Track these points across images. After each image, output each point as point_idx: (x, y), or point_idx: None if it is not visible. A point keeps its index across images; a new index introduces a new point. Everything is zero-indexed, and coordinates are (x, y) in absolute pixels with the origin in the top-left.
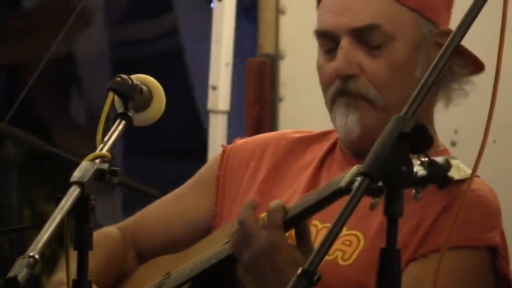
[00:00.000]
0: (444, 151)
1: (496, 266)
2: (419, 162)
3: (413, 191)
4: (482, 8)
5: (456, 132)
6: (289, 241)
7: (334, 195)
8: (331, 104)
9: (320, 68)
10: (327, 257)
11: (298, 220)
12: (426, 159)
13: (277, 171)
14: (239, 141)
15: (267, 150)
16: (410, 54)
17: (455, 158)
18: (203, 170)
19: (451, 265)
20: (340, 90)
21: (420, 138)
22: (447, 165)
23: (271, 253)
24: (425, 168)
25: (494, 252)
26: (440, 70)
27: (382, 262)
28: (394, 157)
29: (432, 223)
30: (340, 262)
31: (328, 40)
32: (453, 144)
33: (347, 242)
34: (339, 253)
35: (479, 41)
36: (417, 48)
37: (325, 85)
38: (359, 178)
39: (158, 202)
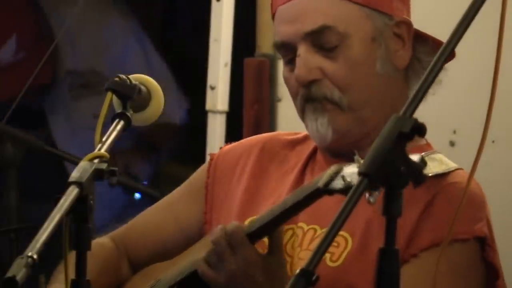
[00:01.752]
0: (427, 146)
1: (484, 256)
2: None
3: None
4: (481, 7)
5: (454, 132)
6: (260, 249)
7: (311, 197)
8: (302, 113)
9: (286, 80)
10: None
11: (265, 231)
12: None
13: (261, 176)
14: (225, 147)
15: (252, 155)
16: (368, 50)
17: (438, 153)
18: (193, 176)
19: (443, 260)
20: (305, 98)
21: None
22: (422, 164)
23: (247, 270)
24: None
25: (482, 242)
26: (438, 70)
27: (381, 263)
28: (392, 157)
29: (417, 220)
30: (329, 263)
31: (287, 51)
32: (452, 144)
33: (335, 244)
34: (327, 255)
35: (477, 40)
36: (374, 42)
37: (293, 96)
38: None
39: (149, 209)
